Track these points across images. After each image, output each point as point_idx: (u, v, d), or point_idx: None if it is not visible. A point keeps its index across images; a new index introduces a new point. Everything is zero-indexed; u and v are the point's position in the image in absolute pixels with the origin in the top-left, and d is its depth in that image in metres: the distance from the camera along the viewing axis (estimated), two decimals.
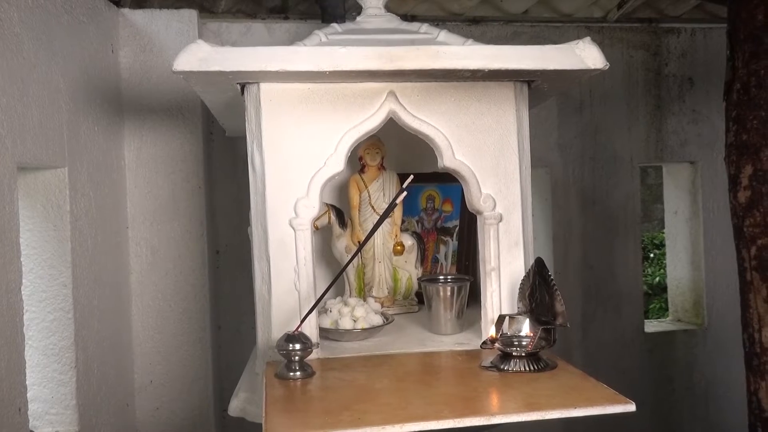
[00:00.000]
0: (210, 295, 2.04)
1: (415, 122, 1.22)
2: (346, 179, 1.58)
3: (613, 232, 2.44)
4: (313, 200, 1.18)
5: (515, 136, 1.24)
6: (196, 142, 2.01)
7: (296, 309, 1.18)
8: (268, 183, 1.18)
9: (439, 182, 1.70)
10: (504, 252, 1.24)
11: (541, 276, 1.12)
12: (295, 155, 1.18)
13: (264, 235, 1.20)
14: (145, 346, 1.97)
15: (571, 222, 2.42)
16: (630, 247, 2.45)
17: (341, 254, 1.56)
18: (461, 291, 1.36)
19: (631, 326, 2.45)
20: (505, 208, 1.24)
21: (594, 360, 2.38)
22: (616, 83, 2.43)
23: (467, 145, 1.23)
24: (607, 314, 2.43)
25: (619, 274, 2.43)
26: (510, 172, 1.24)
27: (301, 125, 1.19)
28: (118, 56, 1.93)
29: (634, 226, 2.46)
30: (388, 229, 1.55)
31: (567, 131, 2.41)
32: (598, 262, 2.42)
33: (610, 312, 2.43)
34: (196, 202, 2.01)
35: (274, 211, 1.18)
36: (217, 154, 2.15)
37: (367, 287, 1.55)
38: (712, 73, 2.45)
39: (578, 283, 2.41)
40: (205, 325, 2.02)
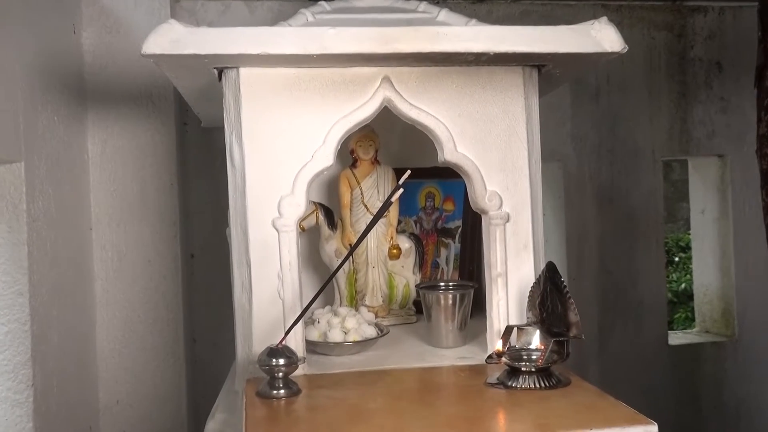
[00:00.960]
0: (184, 305, 2.04)
1: (412, 111, 1.22)
2: (336, 175, 1.58)
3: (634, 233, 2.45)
4: (299, 198, 1.19)
5: (524, 126, 1.25)
6: (168, 133, 2.00)
7: (280, 320, 1.18)
8: (249, 179, 1.18)
9: (439, 178, 1.71)
10: (512, 256, 1.24)
11: (553, 282, 1.13)
12: (278, 148, 1.19)
13: (244, 238, 1.20)
14: (110, 362, 1.97)
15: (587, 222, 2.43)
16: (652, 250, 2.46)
17: (330, 258, 1.56)
18: (464, 299, 1.36)
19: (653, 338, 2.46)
20: (513, 207, 1.24)
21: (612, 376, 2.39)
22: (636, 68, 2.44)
23: (470, 136, 1.23)
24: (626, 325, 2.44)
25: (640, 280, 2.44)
26: (518, 167, 1.24)
27: (286, 115, 1.19)
28: (80, 37, 1.93)
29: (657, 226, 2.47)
30: (382, 230, 1.56)
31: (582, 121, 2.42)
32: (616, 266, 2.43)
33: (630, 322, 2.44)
34: (168, 200, 2.01)
35: (255, 210, 1.18)
36: (192, 147, 2.15)
37: (360, 295, 1.55)
38: (743, 57, 2.46)
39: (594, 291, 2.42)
40: (178, 337, 2.02)
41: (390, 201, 1.15)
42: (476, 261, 1.64)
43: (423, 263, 1.63)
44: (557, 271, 1.14)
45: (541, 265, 1.24)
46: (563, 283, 1.11)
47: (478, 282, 1.48)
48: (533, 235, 1.26)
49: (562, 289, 1.11)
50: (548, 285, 1.14)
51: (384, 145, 1.57)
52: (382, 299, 1.56)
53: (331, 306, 1.47)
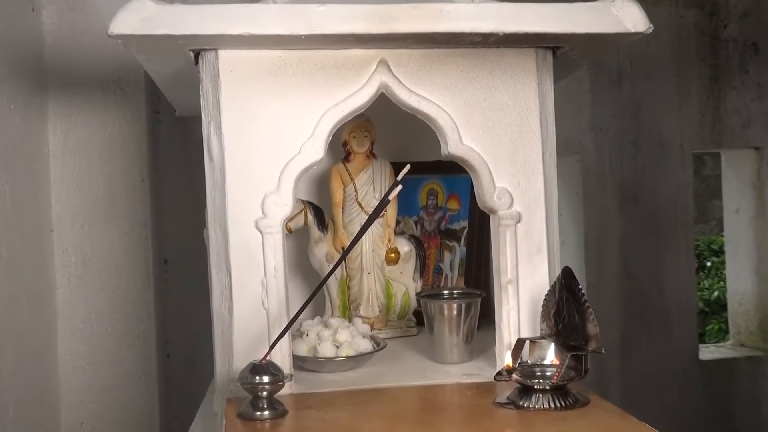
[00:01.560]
0: (156, 315, 2.04)
1: (412, 99, 1.22)
2: (327, 170, 1.58)
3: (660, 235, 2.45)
4: (286, 196, 1.19)
5: (537, 115, 1.25)
6: (138, 123, 2.00)
7: (264, 332, 1.18)
8: (229, 174, 1.18)
9: (443, 173, 1.71)
10: (523, 260, 1.24)
11: (570, 290, 1.13)
12: (262, 140, 1.19)
13: (224, 240, 1.20)
14: (74, 380, 1.96)
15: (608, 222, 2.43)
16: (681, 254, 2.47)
17: (321, 263, 1.56)
18: (470, 309, 1.36)
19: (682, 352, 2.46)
20: (525, 206, 1.24)
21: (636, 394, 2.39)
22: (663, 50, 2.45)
23: (478, 126, 1.23)
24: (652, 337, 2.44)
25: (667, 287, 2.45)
26: (531, 161, 1.25)
27: (271, 102, 1.19)
28: (40, 15, 1.93)
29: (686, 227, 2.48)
30: (379, 231, 1.56)
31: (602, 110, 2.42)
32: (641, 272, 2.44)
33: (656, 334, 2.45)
34: (139, 198, 2.01)
35: (236, 209, 1.18)
36: (165, 139, 2.15)
37: (353, 305, 1.55)
38: None
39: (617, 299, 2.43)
40: (150, 352, 2.01)
41: (387, 199, 1.15)
42: (484, 266, 1.64)
43: (424, 269, 1.63)
44: (574, 278, 1.14)
45: (557, 270, 1.25)
46: (581, 291, 1.11)
47: (486, 290, 1.48)
48: (547, 237, 1.26)
49: (579, 297, 1.11)
50: (564, 293, 1.14)
51: (380, 136, 1.57)
52: (379, 309, 1.56)
53: (322, 317, 1.47)
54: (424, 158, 1.58)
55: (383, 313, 1.57)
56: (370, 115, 1.48)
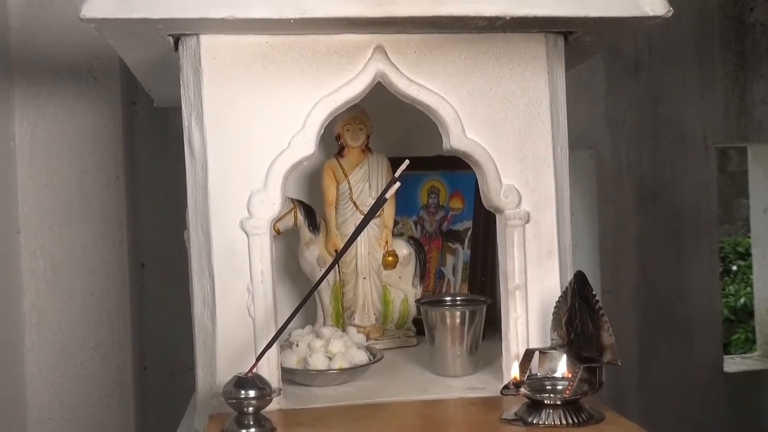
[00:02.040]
0: (132, 324, 2.04)
1: (411, 88, 1.22)
2: (319, 166, 1.58)
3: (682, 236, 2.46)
4: (274, 194, 1.19)
5: (547, 106, 1.25)
6: (112, 115, 2.00)
7: (250, 342, 1.18)
8: (212, 171, 1.18)
9: (445, 169, 1.71)
10: (532, 264, 1.25)
11: (583, 296, 1.13)
12: (248, 133, 1.19)
13: (206, 243, 1.20)
14: (42, 395, 1.96)
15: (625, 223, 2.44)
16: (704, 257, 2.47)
17: (312, 268, 1.56)
18: (475, 317, 1.37)
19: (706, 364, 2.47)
20: (534, 205, 1.25)
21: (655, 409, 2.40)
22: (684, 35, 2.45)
23: (482, 119, 1.23)
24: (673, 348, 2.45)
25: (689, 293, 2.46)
26: (540, 156, 1.25)
27: (257, 93, 1.19)
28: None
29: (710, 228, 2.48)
30: (375, 233, 1.56)
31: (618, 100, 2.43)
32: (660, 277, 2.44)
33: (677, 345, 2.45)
34: (114, 197, 2.01)
35: (219, 209, 1.18)
36: (142, 132, 2.15)
37: (348, 313, 1.56)
38: None
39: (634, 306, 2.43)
40: (126, 365, 2.01)
41: (384, 197, 1.15)
42: (490, 271, 1.64)
43: (425, 273, 1.63)
44: (588, 283, 1.14)
45: (569, 275, 1.25)
46: (595, 298, 1.12)
47: (492, 296, 1.48)
48: (558, 239, 1.26)
49: (593, 304, 1.11)
50: (577, 300, 1.14)
51: (377, 129, 1.58)
52: (375, 317, 1.56)
53: (313, 326, 1.47)
54: (424, 153, 1.58)
55: (380, 322, 1.57)
56: (365, 106, 1.48)
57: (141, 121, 2.15)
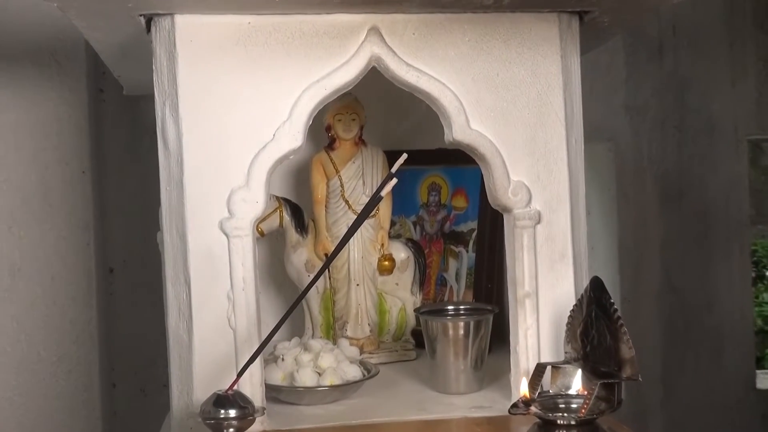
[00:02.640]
0: (100, 337, 2.04)
1: (410, 74, 1.22)
2: (307, 160, 1.58)
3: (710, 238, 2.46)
4: (257, 192, 1.19)
5: (561, 94, 1.25)
6: (78, 104, 2.00)
7: (231, 356, 1.18)
8: (188, 166, 1.18)
9: (447, 164, 1.71)
10: (544, 269, 1.25)
11: (600, 305, 1.13)
12: (228, 124, 1.19)
13: (182, 245, 1.20)
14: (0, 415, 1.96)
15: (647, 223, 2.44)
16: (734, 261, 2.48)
17: (299, 273, 1.56)
18: (480, 328, 1.37)
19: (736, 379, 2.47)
20: (546, 203, 1.25)
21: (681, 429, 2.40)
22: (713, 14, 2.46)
23: (488, 107, 1.24)
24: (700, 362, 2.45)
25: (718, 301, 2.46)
26: (553, 149, 1.25)
27: (238, 79, 1.19)
28: None
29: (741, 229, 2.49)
30: (370, 235, 1.56)
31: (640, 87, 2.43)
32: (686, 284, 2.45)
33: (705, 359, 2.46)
34: (79, 195, 2.01)
35: (196, 208, 1.18)
36: (111, 123, 2.14)
37: (339, 323, 1.56)
38: None
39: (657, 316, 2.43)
40: (93, 381, 2.01)
41: (380, 195, 1.15)
42: (497, 277, 1.64)
43: (425, 279, 1.64)
44: (606, 290, 1.14)
45: (584, 281, 1.25)
46: (614, 306, 1.12)
47: (500, 305, 1.48)
48: (573, 241, 1.26)
49: (612, 314, 1.11)
50: (593, 309, 1.14)
51: (371, 119, 1.58)
52: (370, 328, 1.56)
53: (300, 338, 1.47)
54: (424, 146, 1.58)
55: (375, 334, 1.57)
56: (358, 94, 1.48)
57: (109, 111, 2.14)
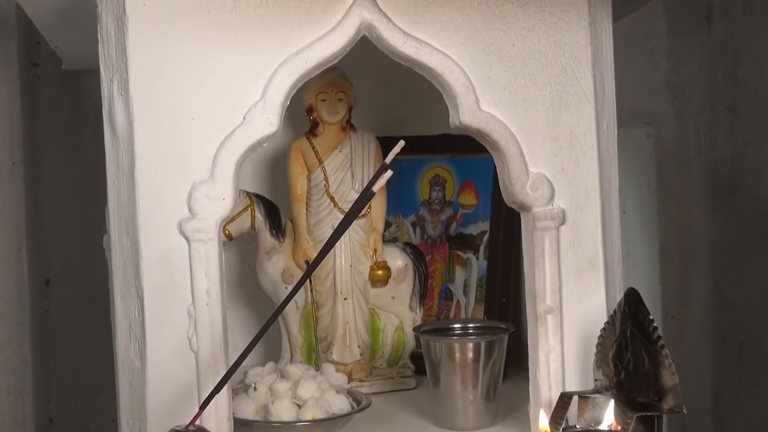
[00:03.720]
0: (34, 361, 2.03)
1: (407, 45, 1.22)
2: (285, 149, 1.58)
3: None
4: (223, 187, 1.19)
5: (589, 69, 1.26)
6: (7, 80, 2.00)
7: (192, 385, 1.19)
8: (140, 155, 1.18)
9: (453, 153, 1.71)
10: (570, 279, 1.25)
11: (637, 322, 1.14)
12: (189, 105, 1.19)
13: (133, 251, 1.20)
14: None
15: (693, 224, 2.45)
16: None
17: (275, 285, 1.57)
18: (493, 351, 1.37)
19: None
20: (572, 200, 1.26)
21: None
22: None
23: (503, 85, 1.24)
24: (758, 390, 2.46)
25: None
26: (580, 135, 1.26)
27: (201, 51, 1.19)
28: None
29: None
30: (360, 238, 1.56)
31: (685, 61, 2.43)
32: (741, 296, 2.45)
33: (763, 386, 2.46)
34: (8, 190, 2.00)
35: (150, 206, 1.19)
36: (47, 103, 2.14)
37: (323, 344, 1.56)
38: None
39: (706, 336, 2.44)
40: (25, 416, 2.01)
41: (372, 191, 1.15)
42: (512, 288, 1.65)
43: (426, 292, 1.64)
44: (644, 305, 1.14)
45: (618, 294, 1.25)
46: (653, 324, 1.12)
47: (516, 323, 1.49)
48: (604, 246, 1.27)
49: (651, 333, 1.12)
50: (629, 327, 1.14)
51: (362, 99, 1.58)
52: (360, 351, 1.57)
53: (276, 363, 1.47)
54: (425, 132, 1.58)
55: (366, 357, 1.58)
56: (346, 68, 1.48)
57: (45, 89, 2.14)
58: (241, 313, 1.67)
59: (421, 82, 1.27)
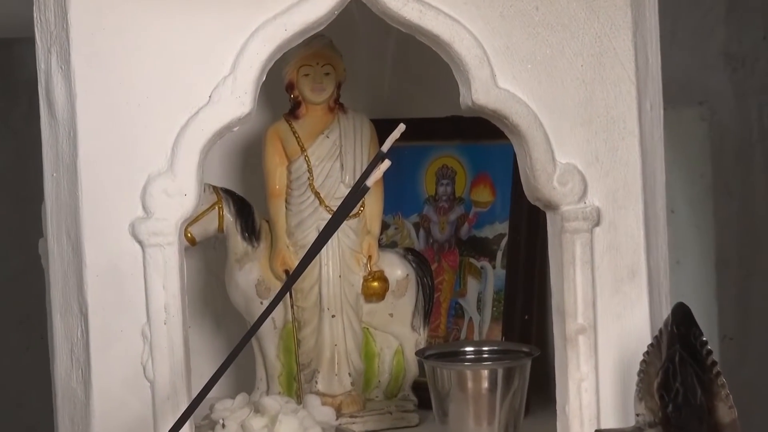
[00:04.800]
0: None
1: (408, 7, 1.23)
2: (260, 134, 1.58)
3: None
4: (185, 180, 1.19)
5: (630, 37, 1.26)
6: None
7: (147, 420, 1.19)
8: (84, 141, 1.19)
9: (464, 140, 1.71)
10: (606, 293, 1.26)
11: (688, 346, 1.14)
12: (143, 81, 1.19)
13: (75, 259, 1.20)
14: None
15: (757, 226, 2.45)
16: None
17: (247, 299, 1.57)
18: (513, 380, 1.37)
19: None
20: (609, 197, 1.26)
21: None
22: None
23: (524, 57, 1.24)
24: None
25: None
26: (618, 117, 1.26)
27: (158, 16, 1.19)
28: None
29: None
30: (351, 243, 1.56)
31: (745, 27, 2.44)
32: None
33: None
34: None
35: (96, 204, 1.19)
36: None
37: (306, 372, 1.56)
38: None
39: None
40: None
41: (366, 185, 1.15)
42: (537, 304, 1.65)
43: (431, 308, 1.64)
44: (696, 324, 1.15)
45: (664, 311, 1.26)
46: (707, 347, 1.13)
47: (541, 345, 1.49)
48: (647, 253, 1.27)
49: (704, 358, 1.12)
50: (677, 351, 1.15)
51: (354, 74, 1.58)
52: (352, 380, 1.57)
53: (250, 394, 1.47)
54: (430, 113, 1.59)
55: (359, 388, 1.58)
56: (335, 36, 1.49)
57: None
58: (207, 333, 1.67)
59: (426, 53, 1.27)
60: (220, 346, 1.67)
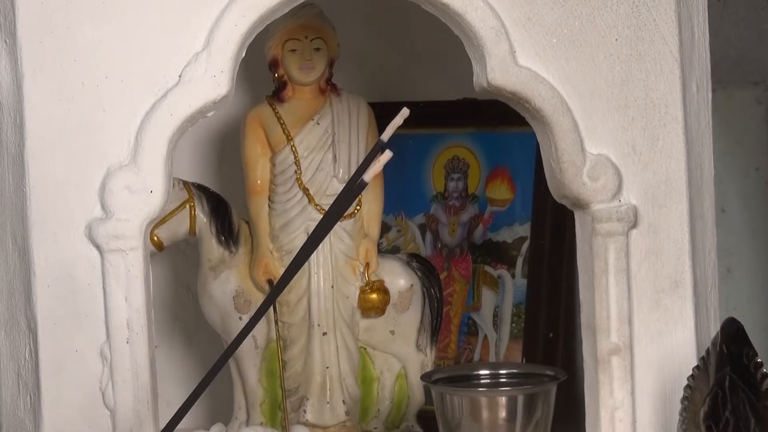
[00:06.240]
0: None
1: None
2: (238, 120, 1.59)
3: None
4: (150, 174, 1.19)
5: (672, 8, 1.26)
6: None
7: None
8: (32, 130, 1.19)
9: (478, 127, 1.72)
10: (644, 307, 1.26)
11: (740, 368, 1.14)
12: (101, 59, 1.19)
13: (22, 266, 1.21)
14: None
15: None
16: None
17: (224, 314, 1.57)
18: (536, 408, 1.37)
19: None
20: (648, 194, 1.26)
21: None
22: None
23: (548, 31, 1.25)
24: None
25: None
26: (659, 101, 1.26)
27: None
28: None
29: None
30: (346, 248, 1.57)
31: None
32: None
33: None
34: None
35: (46, 203, 1.19)
36: None
37: (293, 399, 1.56)
38: None
39: None
40: None
41: (363, 180, 1.16)
42: (563, 319, 1.65)
43: (440, 324, 1.64)
44: (749, 343, 1.15)
45: (713, 327, 1.26)
46: (762, 370, 1.13)
47: (568, 367, 1.49)
48: (693, 260, 1.28)
49: (758, 382, 1.12)
50: (727, 374, 1.15)
51: (348, 51, 1.59)
52: (346, 408, 1.57)
53: (227, 425, 1.48)
54: (439, 96, 1.59)
55: (355, 417, 1.58)
56: (326, 7, 1.49)
57: None
58: (177, 354, 1.68)
59: (434, 26, 1.28)
60: (192, 369, 1.67)
